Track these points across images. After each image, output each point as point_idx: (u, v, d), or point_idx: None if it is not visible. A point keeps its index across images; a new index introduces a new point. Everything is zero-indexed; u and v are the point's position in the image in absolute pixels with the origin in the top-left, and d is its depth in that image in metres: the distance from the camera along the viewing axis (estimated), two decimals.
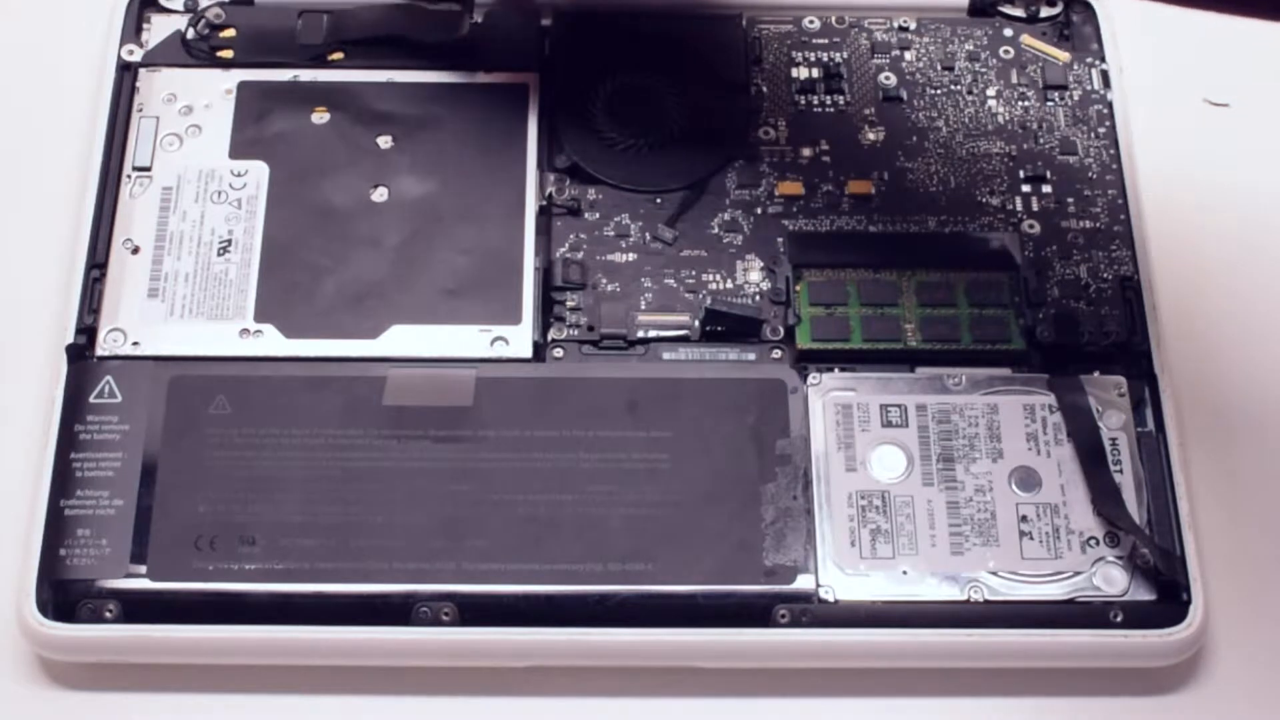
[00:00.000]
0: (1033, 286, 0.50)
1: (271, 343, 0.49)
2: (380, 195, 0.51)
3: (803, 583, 0.45)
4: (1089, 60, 0.55)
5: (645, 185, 0.52)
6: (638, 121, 0.53)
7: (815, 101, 0.54)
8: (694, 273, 0.51)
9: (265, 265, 0.50)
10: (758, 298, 0.50)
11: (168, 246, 0.50)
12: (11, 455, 0.48)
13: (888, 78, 0.54)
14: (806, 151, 0.53)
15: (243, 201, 0.51)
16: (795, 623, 0.45)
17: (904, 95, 0.54)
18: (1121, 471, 0.47)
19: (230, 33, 0.54)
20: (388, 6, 0.54)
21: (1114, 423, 0.48)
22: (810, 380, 0.48)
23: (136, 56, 0.54)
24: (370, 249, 0.50)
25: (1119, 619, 0.45)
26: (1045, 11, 0.56)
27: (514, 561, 0.45)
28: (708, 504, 0.46)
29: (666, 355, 0.49)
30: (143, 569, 0.45)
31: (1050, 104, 0.54)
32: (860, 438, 0.48)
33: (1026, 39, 0.55)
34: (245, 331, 0.49)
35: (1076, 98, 0.54)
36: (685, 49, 0.54)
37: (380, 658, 0.45)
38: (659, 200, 0.52)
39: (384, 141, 0.52)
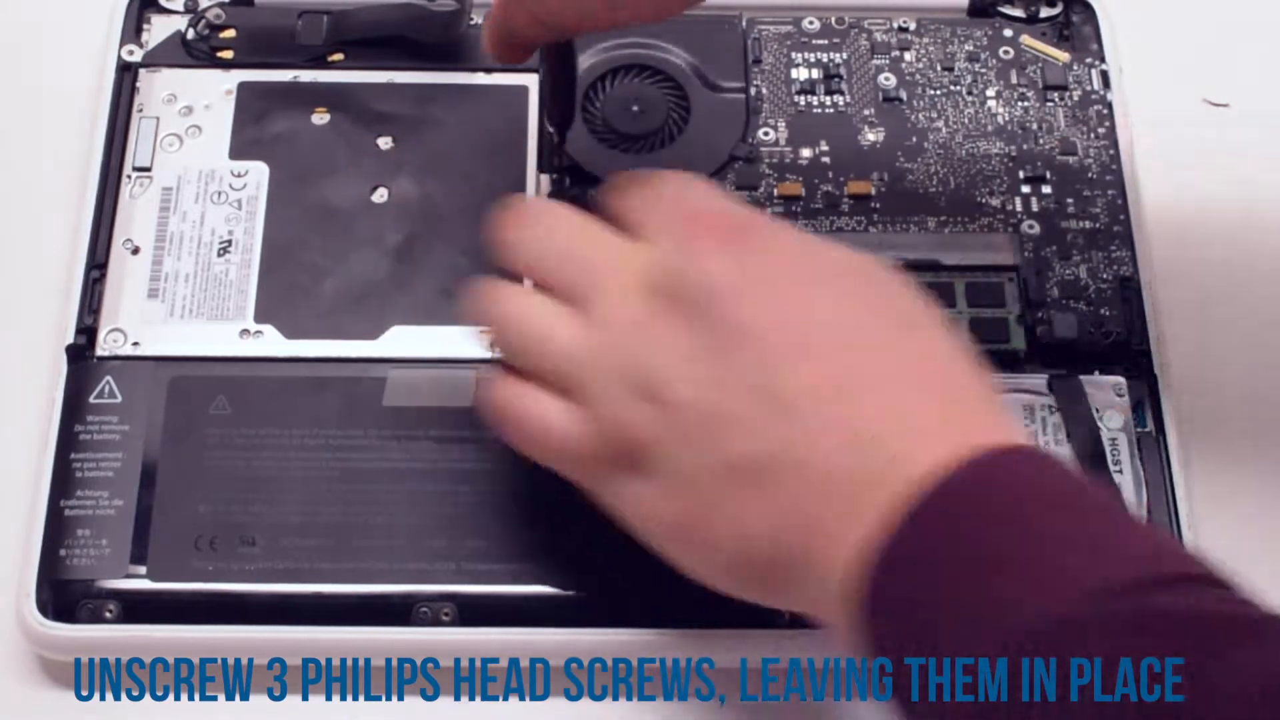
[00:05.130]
0: (1033, 286, 0.50)
1: (271, 343, 0.49)
2: (380, 195, 0.51)
3: None
4: (1089, 60, 0.55)
5: None
6: (638, 121, 0.53)
7: (815, 102, 0.54)
8: None
9: (265, 266, 0.50)
10: None
11: (168, 247, 0.50)
12: (11, 455, 0.48)
13: (887, 78, 0.54)
14: (806, 152, 0.53)
15: (243, 202, 0.51)
16: (796, 622, 0.45)
17: (904, 96, 0.54)
18: (1121, 471, 0.47)
19: (230, 33, 0.54)
20: (388, 6, 0.54)
21: (1114, 423, 0.48)
22: None
23: (136, 57, 0.54)
24: (370, 249, 0.50)
25: None
26: (1045, 12, 0.56)
27: (514, 561, 0.45)
28: None
29: None
30: (143, 569, 0.45)
31: (1050, 104, 0.54)
32: None
33: (1026, 39, 0.55)
34: (245, 332, 0.49)
35: (1076, 98, 0.54)
36: (685, 49, 0.54)
37: (380, 658, 0.45)
38: None
39: (384, 142, 0.52)
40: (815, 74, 0.54)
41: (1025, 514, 0.35)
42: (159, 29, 0.54)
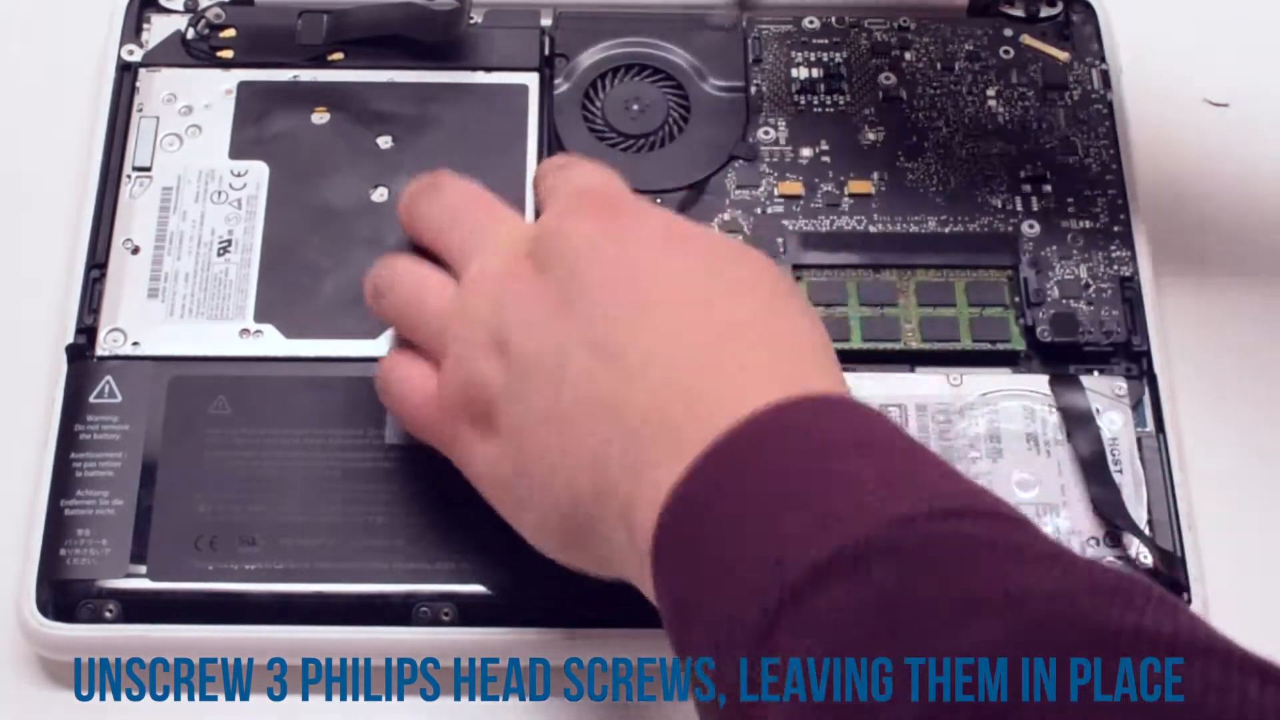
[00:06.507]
0: (1033, 286, 0.50)
1: (271, 343, 0.49)
2: (380, 195, 0.51)
3: None
4: (1089, 60, 0.55)
5: (645, 185, 0.52)
6: (638, 121, 0.53)
7: (815, 101, 0.54)
8: None
9: (265, 265, 0.50)
10: None
11: (168, 246, 0.50)
12: (11, 455, 0.48)
13: (888, 78, 0.54)
14: (806, 151, 0.53)
15: (243, 201, 0.51)
16: None
17: (904, 95, 0.54)
18: (1121, 471, 0.47)
19: (230, 33, 0.54)
20: (388, 6, 0.54)
21: (1114, 423, 0.48)
22: None
23: (136, 56, 0.54)
24: (370, 249, 0.50)
25: None
26: (1045, 11, 0.56)
27: (514, 561, 0.45)
28: None
29: None
30: (143, 569, 0.45)
31: (1050, 104, 0.54)
32: None
33: (1026, 39, 0.55)
34: (245, 331, 0.49)
35: (1076, 98, 0.54)
36: (685, 49, 0.54)
37: (380, 658, 0.45)
38: (659, 200, 0.52)
39: (384, 141, 0.52)
40: (815, 73, 0.54)
41: (814, 454, 0.35)
42: (159, 29, 0.54)
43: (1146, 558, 0.46)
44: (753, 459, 0.35)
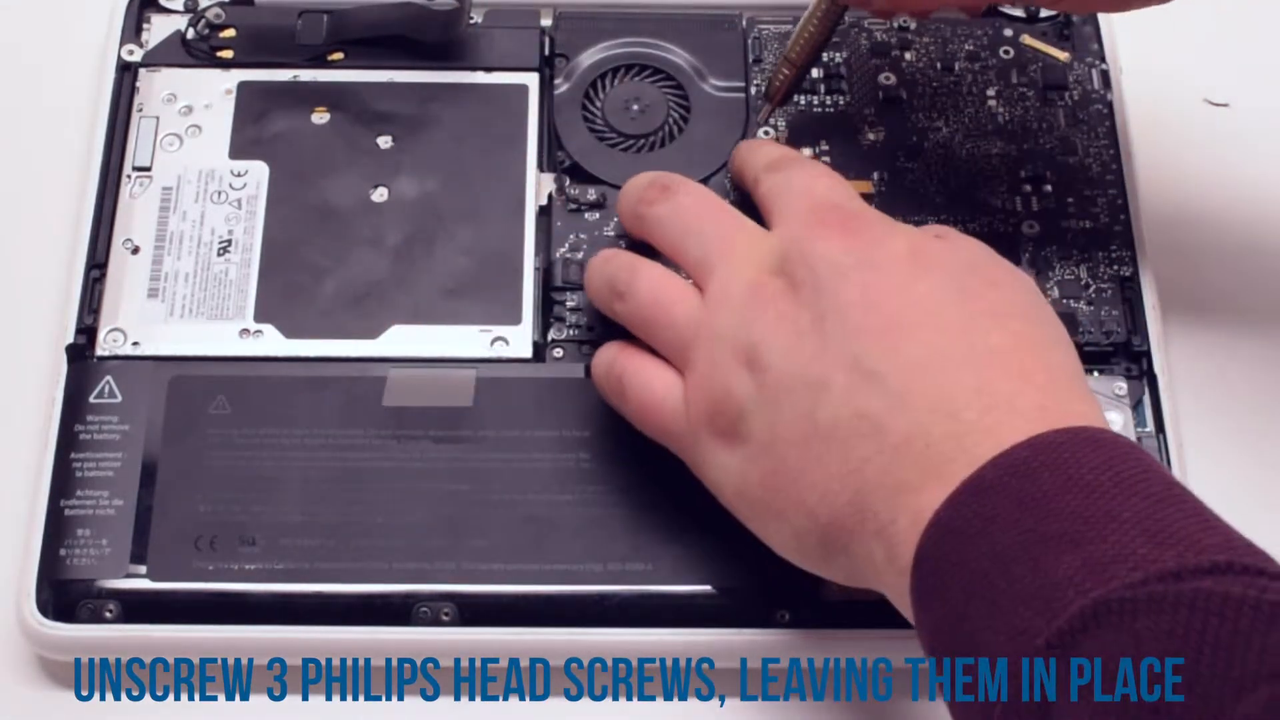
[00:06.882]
0: None
1: (271, 343, 0.49)
2: (380, 195, 0.51)
3: (802, 582, 0.45)
4: (1089, 60, 0.55)
5: None
6: (638, 121, 0.53)
7: (815, 101, 0.54)
8: None
9: (265, 265, 0.50)
10: None
11: (168, 246, 0.50)
12: (11, 455, 0.48)
13: (888, 78, 0.54)
14: (806, 151, 0.53)
15: (243, 201, 0.51)
16: (795, 622, 0.45)
17: (904, 95, 0.54)
18: None
19: (230, 33, 0.54)
20: (388, 6, 0.54)
21: (1114, 423, 0.48)
22: None
23: (136, 56, 0.54)
24: (370, 249, 0.50)
25: None
26: (1045, 11, 0.56)
27: (514, 561, 0.45)
28: (708, 504, 0.46)
29: None
30: (143, 569, 0.45)
31: (1050, 104, 0.54)
32: None
33: (1026, 39, 0.55)
34: (245, 331, 0.49)
35: (1076, 98, 0.54)
36: (685, 48, 0.54)
37: (380, 658, 0.45)
38: None
39: (384, 141, 0.52)
40: (816, 73, 0.54)
41: (1074, 492, 0.36)
42: (159, 29, 0.54)
43: None
44: (1014, 493, 0.36)
